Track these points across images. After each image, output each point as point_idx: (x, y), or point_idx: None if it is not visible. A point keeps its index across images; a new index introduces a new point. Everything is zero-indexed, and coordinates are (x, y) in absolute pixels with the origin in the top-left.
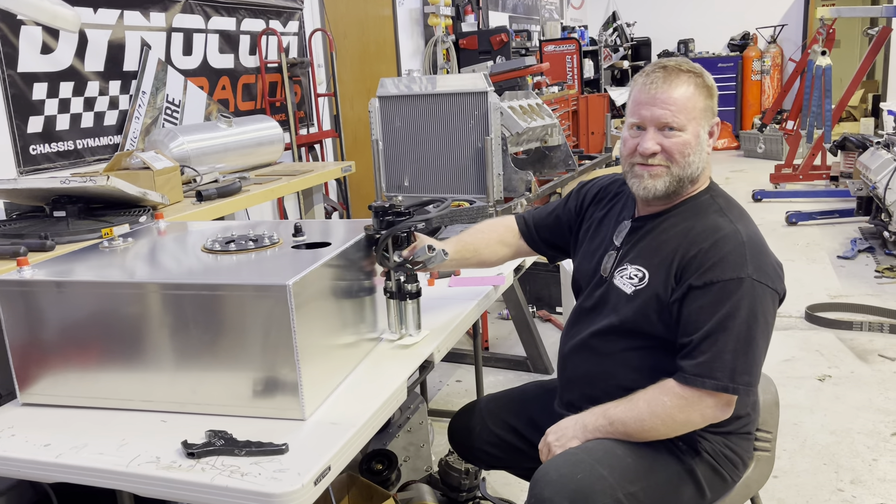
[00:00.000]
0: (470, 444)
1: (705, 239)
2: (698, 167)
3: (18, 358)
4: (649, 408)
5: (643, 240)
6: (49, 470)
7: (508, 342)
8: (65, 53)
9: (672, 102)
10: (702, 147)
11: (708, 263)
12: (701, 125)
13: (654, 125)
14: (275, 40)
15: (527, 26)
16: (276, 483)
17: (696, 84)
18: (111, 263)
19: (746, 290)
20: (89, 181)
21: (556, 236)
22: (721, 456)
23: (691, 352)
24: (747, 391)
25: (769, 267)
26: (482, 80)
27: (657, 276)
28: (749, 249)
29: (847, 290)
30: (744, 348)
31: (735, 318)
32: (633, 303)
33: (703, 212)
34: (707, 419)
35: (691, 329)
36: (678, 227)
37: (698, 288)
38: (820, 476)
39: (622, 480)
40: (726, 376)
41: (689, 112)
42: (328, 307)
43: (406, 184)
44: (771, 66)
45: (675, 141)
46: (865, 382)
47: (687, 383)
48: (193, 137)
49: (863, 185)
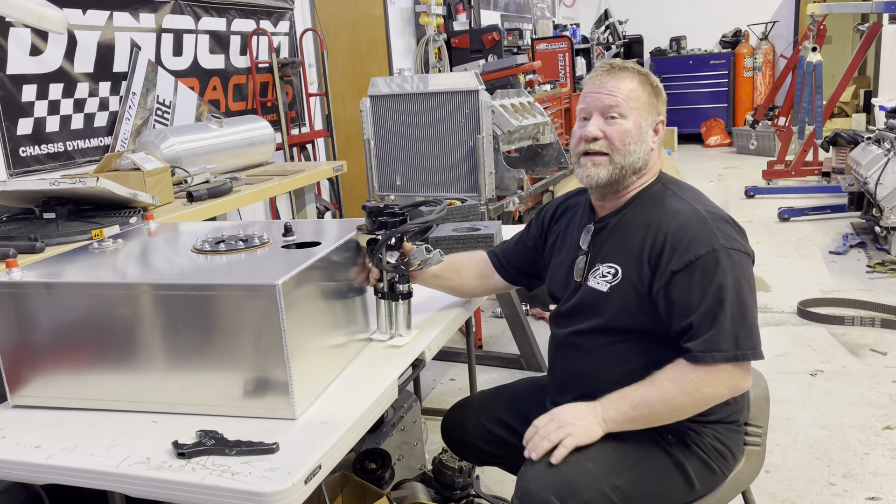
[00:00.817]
0: (463, 439)
1: (669, 224)
2: (640, 157)
3: (8, 360)
4: (676, 386)
5: (609, 238)
6: (40, 471)
7: (502, 340)
8: (54, 55)
9: (615, 90)
10: (643, 139)
11: (680, 246)
12: (643, 118)
13: (598, 111)
14: (265, 40)
15: (519, 25)
16: (266, 482)
17: (640, 80)
18: (101, 264)
19: (724, 260)
20: (79, 183)
21: (528, 263)
22: (711, 449)
23: (695, 332)
24: (754, 354)
25: (735, 233)
26: (473, 78)
27: (629, 269)
28: (712, 223)
29: (839, 285)
30: (740, 315)
31: (724, 290)
32: (611, 300)
33: (659, 200)
34: (733, 391)
35: (686, 311)
36: (639, 218)
37: (680, 271)
38: (812, 470)
39: (608, 473)
40: (731, 345)
41: (632, 101)
42: (318, 307)
43: (398, 183)
44: (763, 63)
45: (617, 128)
46: (857, 377)
47: (698, 362)
48: (184, 138)
49: (854, 181)
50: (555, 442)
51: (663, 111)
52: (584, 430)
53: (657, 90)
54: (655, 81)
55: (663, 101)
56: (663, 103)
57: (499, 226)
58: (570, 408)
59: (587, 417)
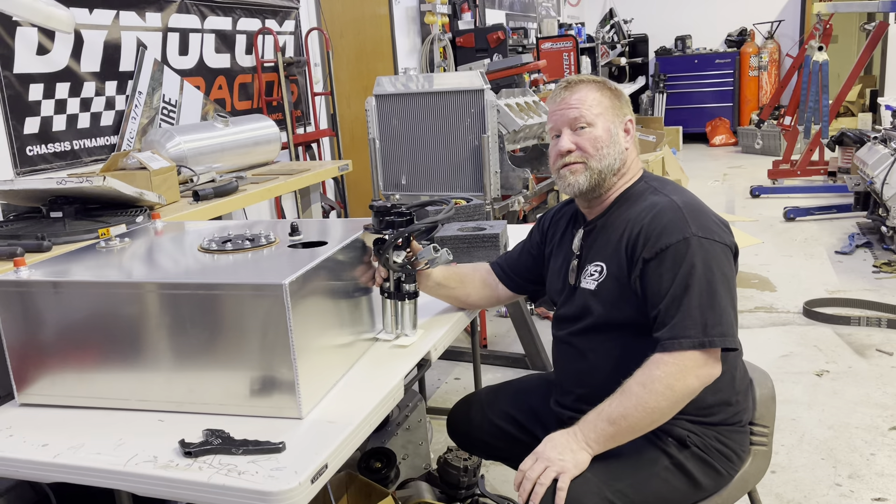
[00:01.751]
0: (469, 434)
1: (645, 216)
2: (615, 159)
3: (16, 358)
4: (645, 389)
5: (596, 239)
6: (47, 470)
7: (507, 340)
8: (61, 54)
9: (578, 102)
10: (615, 141)
11: (653, 235)
12: (611, 121)
13: (567, 125)
14: (271, 39)
15: (524, 24)
16: (273, 481)
17: (597, 88)
18: (108, 263)
19: (695, 247)
20: (86, 182)
21: (532, 272)
22: (712, 450)
23: (662, 320)
24: (723, 341)
25: (711, 223)
26: (479, 77)
27: (612, 264)
28: (687, 212)
29: (845, 285)
30: (708, 302)
31: (692, 276)
32: (599, 297)
33: (640, 197)
34: (703, 379)
35: (656, 299)
36: (622, 217)
37: (651, 259)
38: (818, 471)
39: (608, 479)
40: (699, 332)
41: (595, 109)
42: (325, 306)
43: (403, 182)
44: (768, 62)
45: (587, 136)
46: (863, 377)
47: (665, 350)
48: (190, 137)
49: (860, 181)
50: (547, 485)
51: (628, 112)
52: (572, 463)
53: (617, 93)
54: (613, 86)
55: (626, 102)
56: (626, 104)
57: (504, 225)
58: (552, 443)
59: (571, 447)
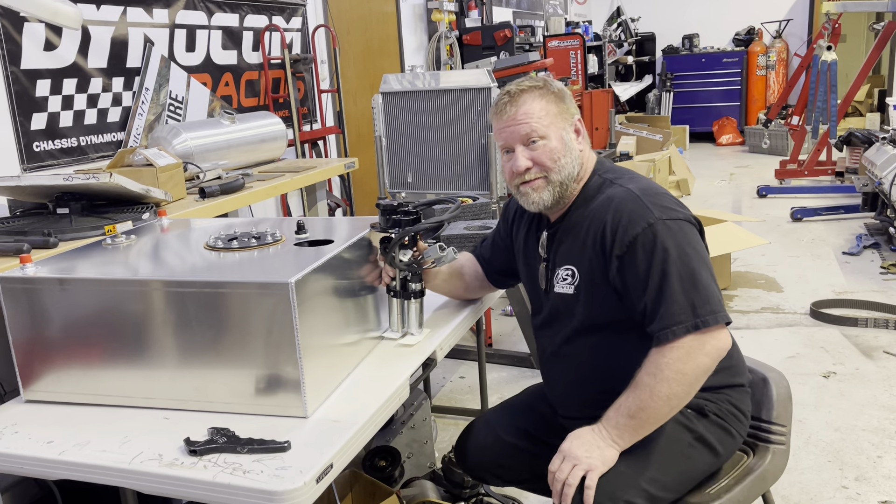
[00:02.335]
0: (484, 460)
1: (606, 210)
2: (574, 167)
3: (22, 355)
4: (655, 378)
5: (562, 242)
6: (52, 467)
7: (512, 339)
8: (68, 50)
9: (526, 116)
10: (570, 148)
11: (619, 229)
12: (562, 128)
13: (520, 142)
14: (278, 36)
15: (531, 22)
16: (278, 481)
17: (541, 94)
18: (114, 260)
19: (662, 231)
20: (92, 178)
21: (504, 262)
22: (728, 413)
23: (651, 312)
24: (715, 318)
25: (670, 202)
26: (485, 75)
27: (583, 264)
28: (645, 198)
29: (852, 286)
30: (691, 284)
31: (668, 262)
32: (579, 300)
33: (598, 191)
34: (713, 355)
35: (639, 293)
36: (583, 215)
37: (624, 255)
38: (824, 473)
39: (640, 468)
40: (689, 315)
41: (545, 119)
42: (331, 305)
43: (409, 180)
44: (776, 61)
45: (542, 150)
46: (870, 379)
47: (661, 342)
48: (196, 134)
49: (868, 181)
50: (575, 485)
51: (575, 110)
52: (599, 460)
53: (560, 95)
54: (556, 87)
55: (570, 100)
56: (571, 103)
57: None
58: (578, 441)
59: (597, 444)
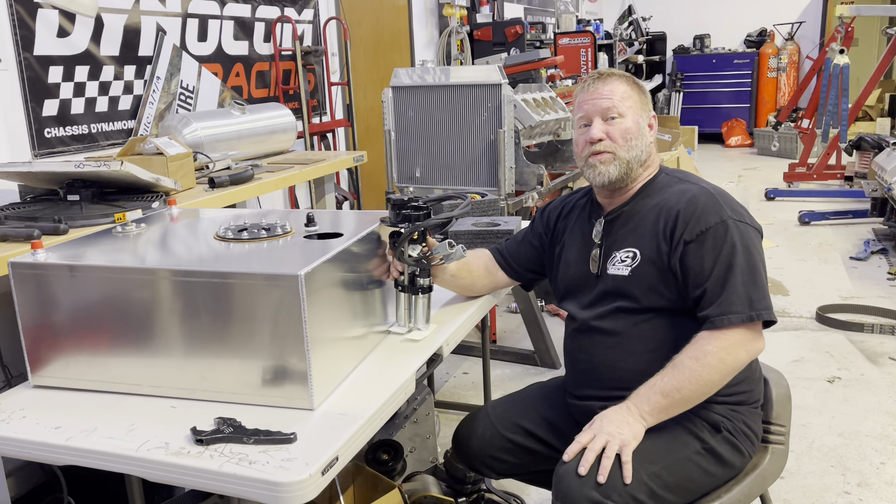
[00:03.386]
0: (481, 452)
1: (679, 201)
2: (642, 151)
3: (30, 340)
4: (698, 363)
5: (622, 228)
6: (59, 453)
7: (516, 336)
8: (81, 37)
9: (611, 93)
10: (642, 134)
11: (692, 219)
12: (639, 115)
13: (599, 115)
14: (289, 28)
15: (542, 18)
16: (283, 472)
17: (627, 82)
18: (124, 248)
19: (733, 229)
20: (103, 166)
21: (533, 262)
22: (739, 432)
23: (709, 298)
24: (769, 313)
25: (742, 209)
26: (496, 72)
27: (647, 248)
28: (720, 198)
29: (859, 291)
30: (751, 278)
31: (734, 255)
32: (633, 281)
33: (666, 187)
34: (751, 353)
35: (700, 279)
36: (649, 205)
37: (692, 241)
38: (827, 478)
39: (643, 461)
40: (746, 307)
41: (626, 101)
42: (339, 298)
43: (417, 174)
44: (787, 64)
45: (618, 127)
46: (875, 385)
47: (715, 326)
48: (207, 124)
49: (878, 186)
50: (612, 458)
51: (651, 109)
52: (631, 434)
53: (643, 90)
54: (640, 83)
55: (649, 99)
56: (649, 102)
57: (518, 221)
58: (608, 417)
59: (627, 420)
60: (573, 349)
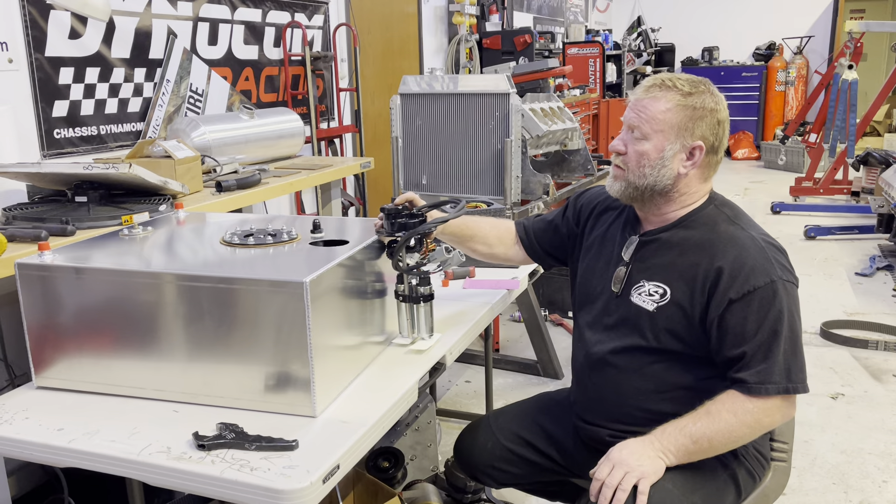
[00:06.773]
0: (482, 461)
1: (727, 251)
2: (656, 181)
3: (35, 341)
4: (736, 418)
5: (656, 255)
6: (61, 455)
7: (519, 345)
8: (92, 39)
9: (643, 109)
10: (663, 163)
11: (740, 275)
12: (669, 141)
13: (627, 126)
14: (299, 33)
15: (551, 28)
16: (284, 479)
17: (677, 102)
18: (130, 251)
19: (780, 292)
20: (112, 168)
21: (556, 247)
22: (753, 458)
23: (748, 362)
24: (805, 387)
25: (787, 262)
26: (504, 81)
27: (679, 290)
28: (769, 252)
29: (864, 307)
30: (792, 349)
31: (780, 322)
32: (657, 320)
33: (714, 223)
34: (785, 419)
35: (740, 340)
36: (691, 240)
37: (738, 300)
38: (829, 496)
39: (685, 491)
40: (784, 378)
41: (657, 123)
42: (343, 306)
43: (424, 182)
44: (796, 78)
45: (635, 148)
46: (879, 403)
47: (751, 393)
48: (215, 128)
49: (884, 202)
50: (629, 491)
51: (705, 133)
52: (651, 469)
53: (696, 111)
54: (700, 103)
55: (708, 124)
56: (707, 126)
57: None
58: (629, 449)
59: (648, 454)
60: (583, 375)
